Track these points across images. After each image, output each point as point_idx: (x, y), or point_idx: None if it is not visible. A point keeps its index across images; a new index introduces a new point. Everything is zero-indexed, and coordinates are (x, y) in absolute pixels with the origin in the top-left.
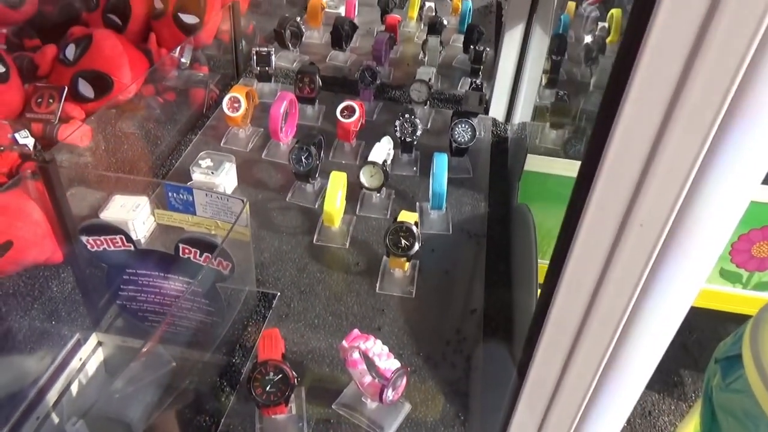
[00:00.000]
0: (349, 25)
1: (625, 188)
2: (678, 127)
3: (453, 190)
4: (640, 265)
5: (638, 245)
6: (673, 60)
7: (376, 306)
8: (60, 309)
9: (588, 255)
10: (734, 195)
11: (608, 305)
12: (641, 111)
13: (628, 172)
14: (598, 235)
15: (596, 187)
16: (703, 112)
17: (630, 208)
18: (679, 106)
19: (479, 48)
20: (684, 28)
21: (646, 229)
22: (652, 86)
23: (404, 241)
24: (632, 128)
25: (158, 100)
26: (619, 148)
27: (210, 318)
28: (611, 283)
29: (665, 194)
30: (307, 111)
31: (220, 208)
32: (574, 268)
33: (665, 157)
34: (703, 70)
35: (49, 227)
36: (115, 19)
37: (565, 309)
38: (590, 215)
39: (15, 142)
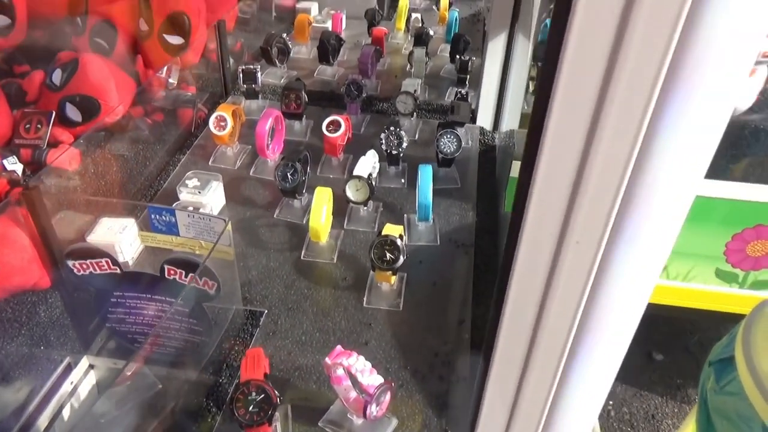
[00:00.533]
0: (336, 39)
1: (558, 206)
2: (604, 138)
3: (441, 200)
4: (581, 281)
5: (576, 262)
6: (592, 72)
7: (364, 320)
8: (49, 334)
9: (529, 276)
10: (670, 198)
11: (554, 321)
12: (566, 124)
13: (559, 188)
14: (538, 254)
15: (530, 207)
16: (628, 117)
17: (565, 226)
18: (604, 114)
19: (465, 57)
20: (600, 35)
21: (583, 246)
22: (574, 98)
23: (389, 254)
24: (558, 144)
25: (146, 121)
26: (547, 167)
27: (197, 337)
28: (555, 300)
29: (598, 208)
30: (295, 126)
31: (203, 228)
32: (518, 289)
33: (594, 171)
34: (623, 77)
35: (35, 253)
36: (101, 43)
37: (512, 334)
38: (527, 233)
39: (3, 169)
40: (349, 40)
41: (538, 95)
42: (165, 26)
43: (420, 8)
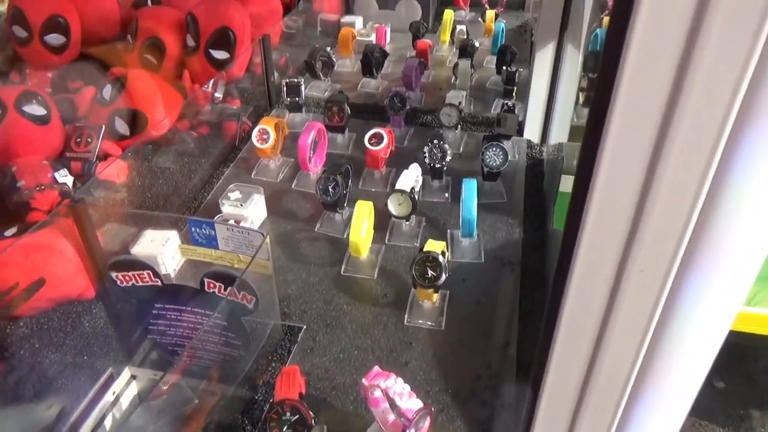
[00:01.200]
0: (380, 52)
1: (619, 228)
2: (675, 150)
3: (486, 215)
4: (644, 315)
5: (639, 293)
6: (663, 72)
7: (404, 339)
8: (92, 344)
9: (583, 307)
10: (756, 220)
11: (613, 358)
12: (629, 134)
13: (620, 208)
14: (594, 283)
15: (585, 228)
16: (703, 127)
17: (626, 252)
18: (675, 122)
19: (511, 68)
20: (667, 49)
21: (648, 275)
22: (640, 105)
23: (431, 271)
24: (620, 156)
25: (192, 135)
26: (606, 182)
27: (234, 351)
28: (614, 336)
29: (667, 233)
30: (337, 139)
31: (241, 241)
32: (571, 317)
33: (662, 190)
34: (697, 81)
35: (80, 264)
36: (150, 59)
37: (564, 369)
38: (582, 259)
39: (55, 181)
40: (394, 53)
41: (595, 102)
42: (211, 42)
43: (465, 20)
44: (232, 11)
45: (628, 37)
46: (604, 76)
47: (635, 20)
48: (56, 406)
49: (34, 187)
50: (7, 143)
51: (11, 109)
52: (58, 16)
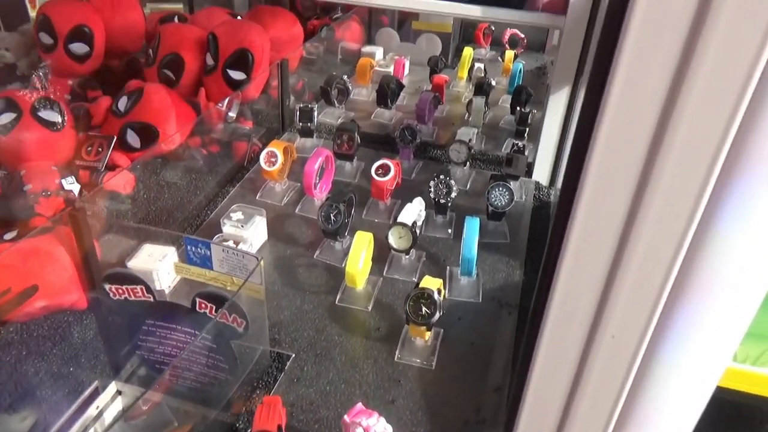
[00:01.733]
0: (396, 84)
1: (590, 293)
2: (653, 208)
3: (487, 255)
4: (615, 385)
5: (611, 360)
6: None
7: (393, 376)
8: (80, 355)
9: (552, 374)
10: (736, 287)
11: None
12: (605, 189)
13: (593, 270)
14: (563, 348)
15: (556, 293)
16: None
17: (598, 317)
18: (653, 179)
19: (525, 109)
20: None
21: (620, 342)
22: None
23: (425, 308)
24: (594, 213)
25: (202, 151)
26: (579, 240)
27: (220, 374)
28: (582, 408)
29: (640, 297)
30: (345, 167)
31: (236, 264)
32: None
33: (636, 254)
34: (672, 154)
35: (75, 273)
36: (169, 74)
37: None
38: (552, 322)
39: (61, 188)
40: (410, 85)
41: (570, 158)
42: (229, 62)
43: (485, 58)
44: (253, 34)
45: (603, 104)
46: (576, 149)
47: (612, 82)
48: (30, 418)
49: (40, 192)
50: (20, 147)
51: (27, 114)
52: (83, 25)
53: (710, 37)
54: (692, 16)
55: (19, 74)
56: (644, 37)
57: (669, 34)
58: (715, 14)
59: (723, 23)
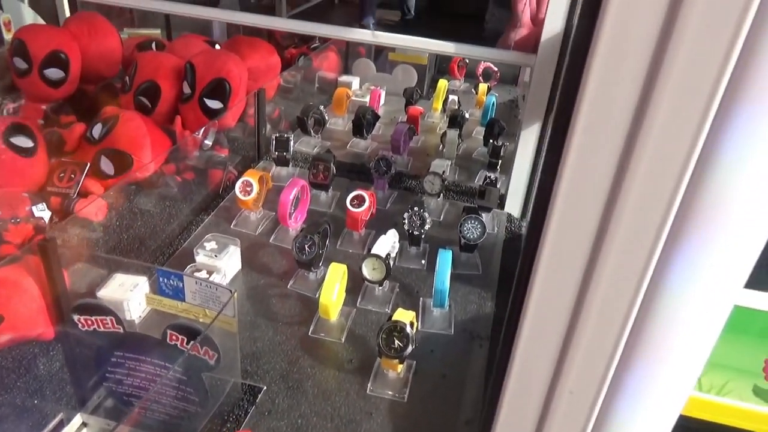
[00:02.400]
0: (372, 115)
1: (551, 348)
2: (610, 260)
3: (460, 286)
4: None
5: (569, 415)
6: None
7: (365, 408)
8: (45, 387)
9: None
10: (682, 350)
11: None
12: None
13: (553, 327)
14: (524, 403)
15: (519, 344)
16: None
17: (557, 372)
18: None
19: (498, 142)
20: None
21: (577, 397)
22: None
23: (397, 341)
24: (555, 267)
25: (176, 179)
26: (542, 294)
27: (191, 407)
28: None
29: (597, 355)
30: (321, 197)
31: (208, 296)
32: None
33: (592, 312)
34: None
35: (43, 304)
36: (145, 101)
37: None
38: (514, 376)
39: (31, 215)
40: (386, 115)
41: (535, 201)
42: (206, 91)
43: (459, 90)
44: (230, 64)
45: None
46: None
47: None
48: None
49: (9, 219)
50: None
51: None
52: (59, 51)
53: (666, 84)
54: (650, 59)
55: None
56: (606, 76)
57: (629, 73)
58: (670, 60)
59: (678, 68)
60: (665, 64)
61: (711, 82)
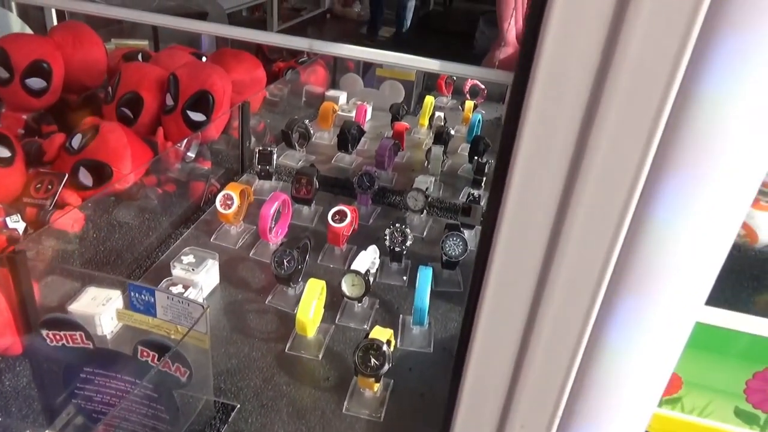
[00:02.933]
0: (357, 129)
1: (499, 387)
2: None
3: (441, 304)
4: None
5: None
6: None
7: (340, 428)
8: (11, 404)
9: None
10: (638, 387)
11: None
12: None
13: (499, 370)
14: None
15: (466, 384)
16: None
17: (506, 408)
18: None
19: (482, 159)
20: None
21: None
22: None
23: (374, 360)
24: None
25: (157, 191)
26: (487, 329)
27: (160, 425)
28: None
29: (547, 388)
30: (303, 211)
31: (180, 312)
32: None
33: (539, 347)
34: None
35: (11, 317)
36: (127, 112)
37: None
38: (462, 413)
39: (5, 226)
40: (372, 131)
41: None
42: (189, 103)
43: (446, 107)
44: (214, 76)
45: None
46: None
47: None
48: None
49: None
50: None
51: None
52: (42, 61)
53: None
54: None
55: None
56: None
57: (576, 71)
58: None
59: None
60: (611, 74)
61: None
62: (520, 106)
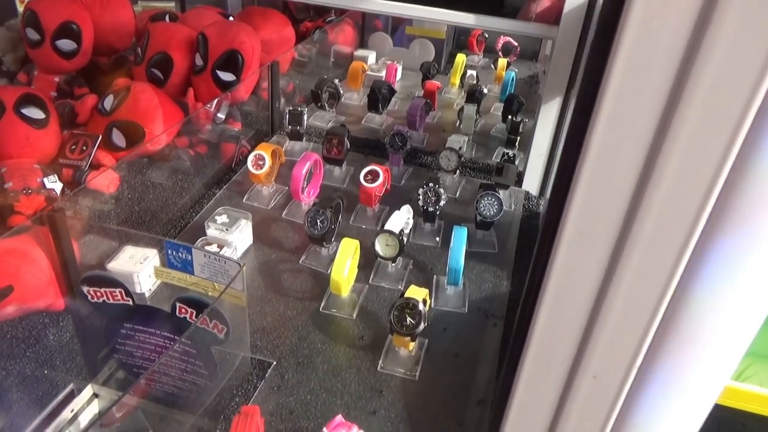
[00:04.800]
0: (387, 89)
1: (573, 330)
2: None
3: (474, 264)
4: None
5: (591, 402)
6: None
7: (375, 386)
8: (55, 357)
9: (530, 411)
10: (721, 338)
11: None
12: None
13: (576, 308)
14: (542, 387)
15: (537, 325)
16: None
17: (579, 356)
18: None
19: (516, 119)
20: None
21: (601, 382)
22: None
23: (409, 319)
24: (578, 246)
25: (189, 152)
26: (563, 271)
27: (200, 380)
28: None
29: (624, 339)
30: (334, 172)
31: (217, 269)
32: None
33: (620, 293)
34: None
35: (53, 274)
36: (157, 73)
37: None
38: (531, 358)
39: (43, 186)
40: (402, 90)
41: (559, 171)
42: (219, 63)
43: (478, 65)
44: (243, 35)
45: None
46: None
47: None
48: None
49: (20, 189)
50: (2, 144)
51: (9, 111)
52: (71, 22)
53: (709, 56)
54: (691, 30)
55: (5, 69)
56: (638, 49)
57: (665, 48)
58: (713, 33)
59: (723, 41)
60: (707, 39)
61: (761, 60)
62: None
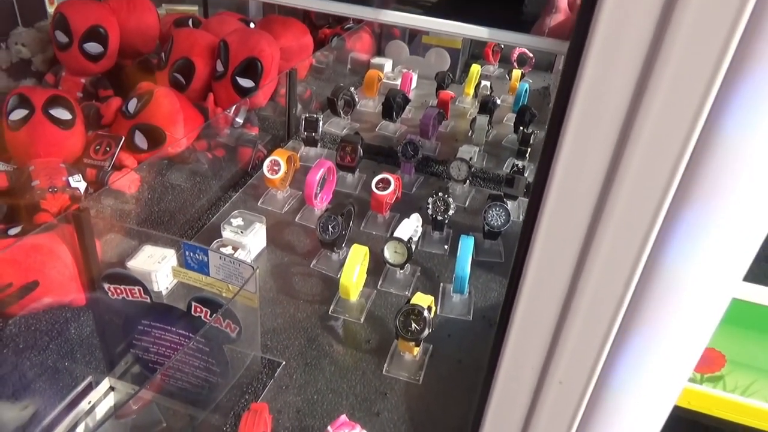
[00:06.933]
0: (402, 98)
1: (541, 340)
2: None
3: (481, 273)
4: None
5: (557, 407)
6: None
7: (380, 388)
8: (75, 351)
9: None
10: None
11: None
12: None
13: (544, 320)
14: (515, 393)
15: (510, 334)
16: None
17: (547, 363)
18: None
19: (528, 130)
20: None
21: (566, 387)
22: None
23: (414, 324)
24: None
25: (207, 156)
26: (534, 282)
27: (212, 377)
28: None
29: (586, 345)
30: (347, 179)
31: (232, 271)
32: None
33: (584, 299)
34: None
35: (75, 271)
36: (180, 78)
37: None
38: (505, 368)
39: (68, 185)
40: (416, 99)
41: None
42: (239, 69)
43: (492, 75)
44: (263, 43)
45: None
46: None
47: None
48: (31, 407)
49: (47, 188)
50: (30, 143)
51: (39, 111)
52: (99, 26)
53: (671, 48)
54: (654, 25)
55: (34, 70)
56: (606, 49)
57: (631, 42)
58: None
59: (674, 60)
60: (669, 32)
61: (712, 62)
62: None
